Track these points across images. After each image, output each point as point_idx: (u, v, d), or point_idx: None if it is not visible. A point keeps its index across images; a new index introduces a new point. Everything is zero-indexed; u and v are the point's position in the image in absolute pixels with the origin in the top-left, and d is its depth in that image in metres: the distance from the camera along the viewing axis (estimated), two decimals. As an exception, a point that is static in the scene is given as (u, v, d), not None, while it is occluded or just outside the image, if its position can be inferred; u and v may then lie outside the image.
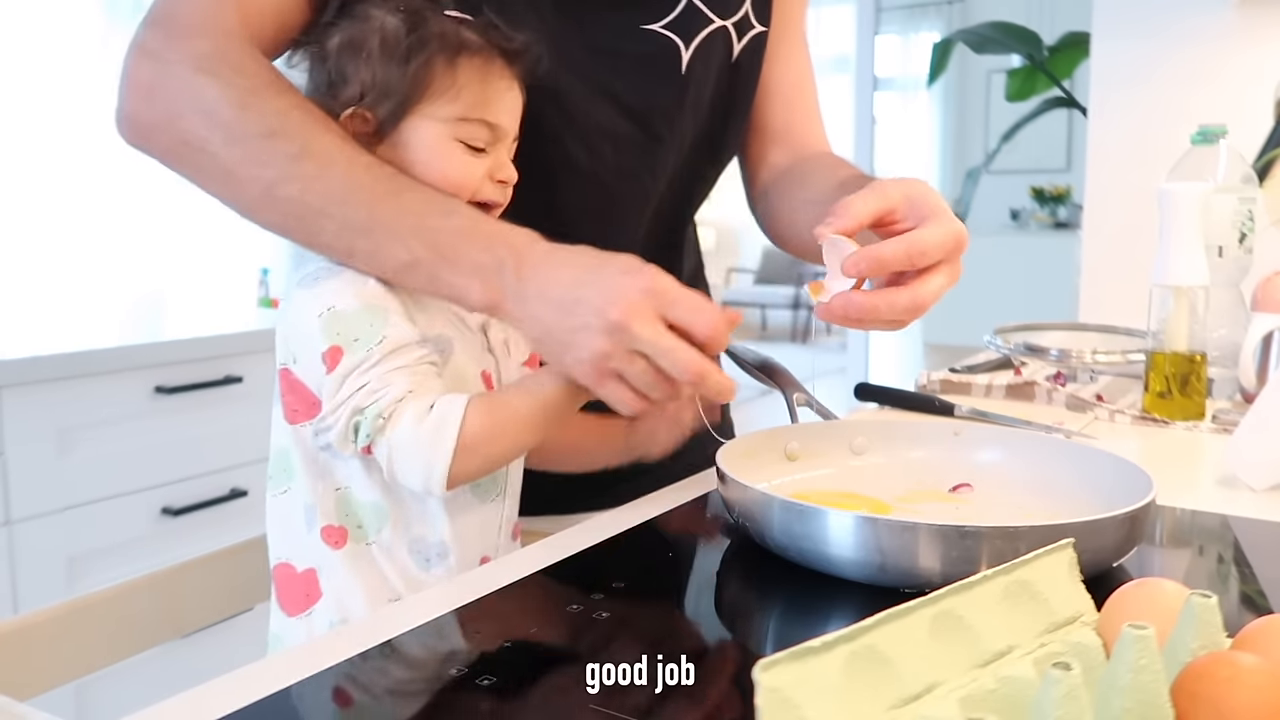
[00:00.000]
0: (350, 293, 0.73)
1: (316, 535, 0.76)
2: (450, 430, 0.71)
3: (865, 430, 0.88)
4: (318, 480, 0.77)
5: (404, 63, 0.75)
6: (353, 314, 0.72)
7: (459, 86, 0.76)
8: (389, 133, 0.77)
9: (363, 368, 0.71)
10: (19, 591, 1.72)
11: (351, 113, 0.76)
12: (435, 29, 0.77)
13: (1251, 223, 1.23)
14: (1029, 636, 0.45)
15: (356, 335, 0.71)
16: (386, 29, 0.76)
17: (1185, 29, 1.71)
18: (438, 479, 0.71)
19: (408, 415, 0.71)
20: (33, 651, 0.75)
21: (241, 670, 0.55)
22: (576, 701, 0.50)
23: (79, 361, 1.79)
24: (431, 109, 0.76)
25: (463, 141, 0.77)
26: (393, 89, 0.76)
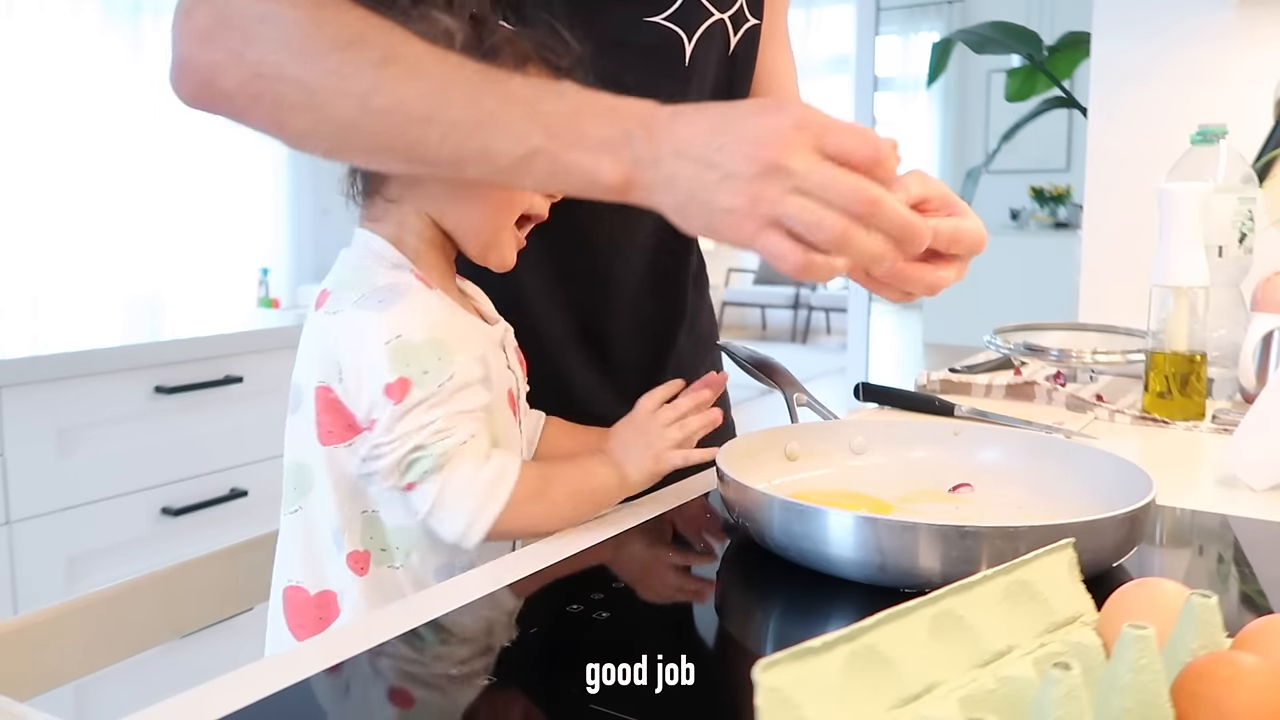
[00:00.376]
0: (420, 322, 0.71)
1: (343, 560, 0.75)
2: (507, 484, 0.71)
3: (865, 430, 0.88)
4: (347, 502, 0.74)
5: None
6: (422, 345, 0.70)
7: None
8: None
9: (429, 403, 0.70)
10: (19, 591, 1.72)
11: None
12: (499, 35, 0.75)
13: (1251, 223, 1.23)
14: (1029, 636, 0.45)
15: (426, 369, 0.70)
16: (454, 31, 0.72)
17: (1185, 29, 1.71)
18: (480, 529, 0.71)
19: (468, 463, 0.71)
20: (33, 651, 0.75)
21: (241, 670, 0.55)
22: (576, 701, 0.50)
23: (79, 361, 1.79)
24: None
25: None
26: None
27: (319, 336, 0.74)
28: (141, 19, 2.48)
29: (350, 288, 0.74)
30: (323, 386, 0.73)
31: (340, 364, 0.72)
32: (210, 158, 2.58)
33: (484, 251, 0.80)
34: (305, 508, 0.76)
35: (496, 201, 0.77)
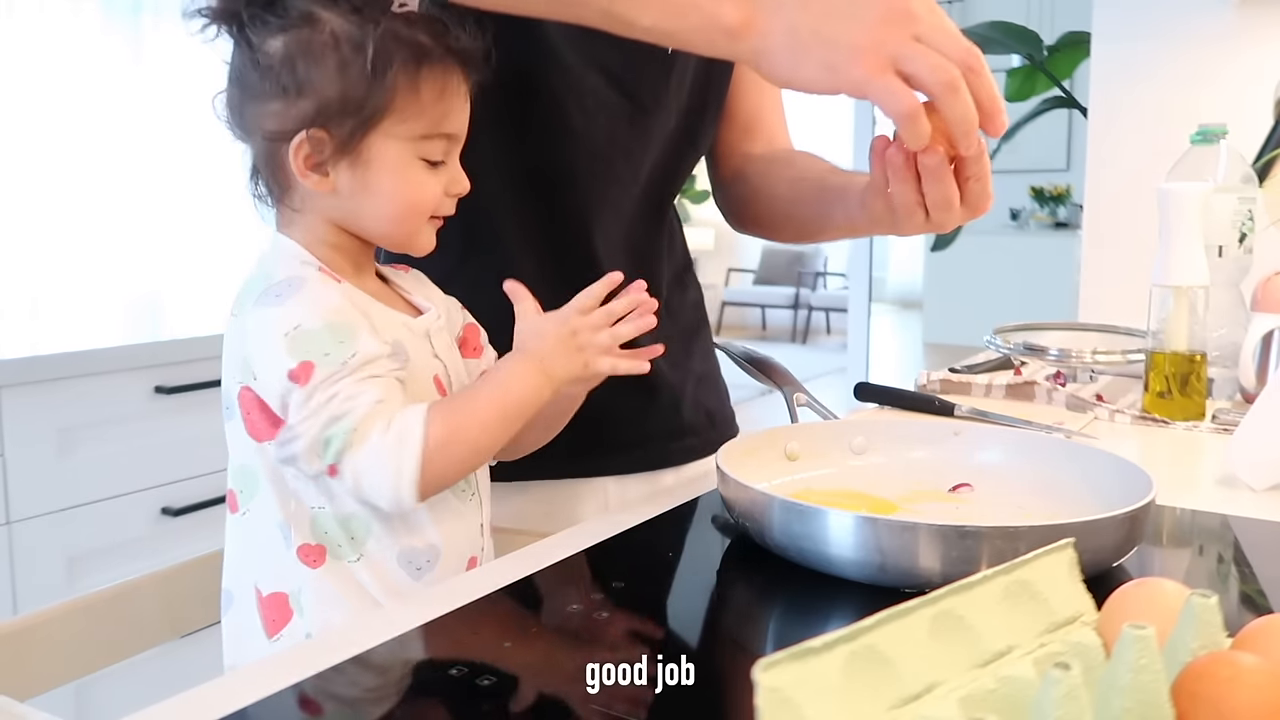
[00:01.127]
0: (316, 311, 0.71)
1: (293, 555, 0.74)
2: (413, 440, 0.69)
3: (865, 430, 0.88)
4: (289, 498, 0.74)
5: (368, 78, 0.71)
6: (320, 331, 0.70)
7: (422, 103, 0.73)
8: (348, 152, 0.73)
9: (334, 377, 0.69)
10: (19, 591, 1.72)
11: (304, 138, 0.72)
12: (391, 33, 0.72)
13: (1251, 223, 1.23)
14: (1029, 636, 0.45)
15: (327, 350, 0.70)
16: (341, 35, 0.71)
17: (1185, 29, 1.71)
18: (408, 490, 0.70)
19: (374, 431, 0.69)
20: (33, 651, 0.75)
21: (242, 670, 0.56)
22: (576, 701, 0.50)
23: (79, 361, 1.79)
24: (393, 127, 0.73)
25: (424, 159, 0.75)
26: (355, 107, 0.72)
27: (231, 339, 0.75)
28: (141, 19, 2.48)
29: (252, 288, 0.74)
30: (244, 387, 0.74)
31: (250, 362, 0.72)
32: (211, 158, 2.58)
33: (395, 249, 0.80)
34: (252, 509, 0.75)
35: (400, 214, 0.76)
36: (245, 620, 0.76)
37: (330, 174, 0.74)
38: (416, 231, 0.78)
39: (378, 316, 0.75)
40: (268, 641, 0.74)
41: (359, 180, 0.74)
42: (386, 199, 0.75)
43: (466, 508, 0.80)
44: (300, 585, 0.74)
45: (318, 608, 0.74)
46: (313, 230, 0.77)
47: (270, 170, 0.76)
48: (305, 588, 0.74)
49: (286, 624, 0.74)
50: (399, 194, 0.75)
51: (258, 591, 0.75)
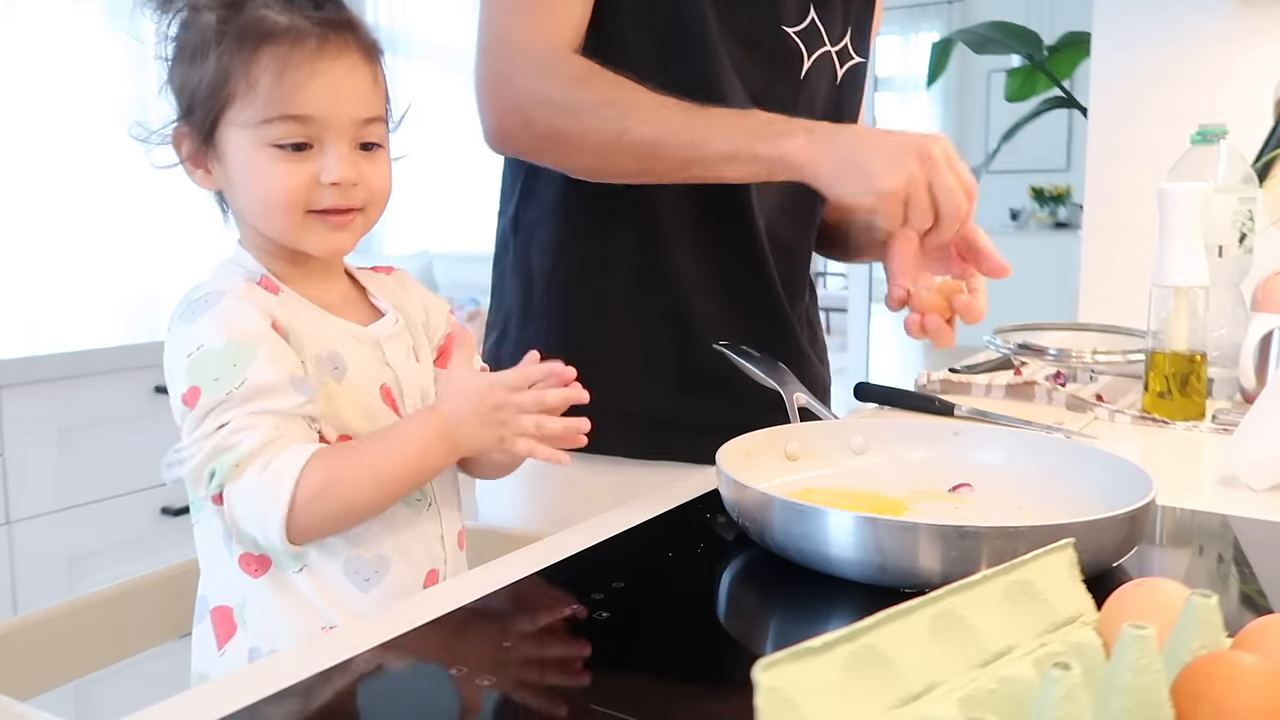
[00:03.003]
0: (222, 328, 0.69)
1: (235, 565, 0.72)
2: (284, 488, 0.67)
3: (865, 430, 0.88)
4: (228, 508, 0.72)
5: (201, 65, 0.70)
6: (219, 351, 0.68)
7: (255, 87, 0.70)
8: (209, 145, 0.72)
9: (222, 407, 0.68)
10: (19, 591, 1.72)
11: (174, 134, 0.72)
12: (240, 21, 0.70)
13: (1251, 223, 1.23)
14: (1029, 636, 0.45)
15: (217, 376, 0.68)
16: (202, 29, 0.71)
17: (1185, 29, 1.71)
18: (275, 535, 0.68)
19: (251, 469, 0.67)
20: (33, 651, 0.75)
21: (242, 670, 0.55)
22: (576, 701, 0.50)
23: (79, 361, 1.79)
24: (234, 114, 0.71)
25: (274, 145, 0.71)
26: (197, 97, 0.71)
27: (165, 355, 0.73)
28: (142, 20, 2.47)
29: (181, 303, 0.73)
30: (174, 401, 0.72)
31: (168, 379, 0.72)
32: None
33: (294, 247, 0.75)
34: (200, 520, 0.74)
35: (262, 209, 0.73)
36: (205, 632, 0.75)
37: (212, 171, 0.74)
38: (295, 228, 0.73)
39: (313, 326, 0.74)
40: (217, 656, 0.73)
41: (226, 176, 0.73)
42: (247, 192, 0.72)
43: (421, 519, 0.78)
44: (243, 597, 0.73)
45: (259, 621, 0.72)
46: (249, 236, 0.77)
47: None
48: (248, 600, 0.73)
49: (231, 638, 0.73)
50: (253, 186, 0.72)
51: (211, 605, 0.74)
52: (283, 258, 0.76)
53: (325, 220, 0.73)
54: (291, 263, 0.76)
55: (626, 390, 1.03)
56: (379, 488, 0.71)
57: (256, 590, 0.72)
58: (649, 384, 1.04)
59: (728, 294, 1.06)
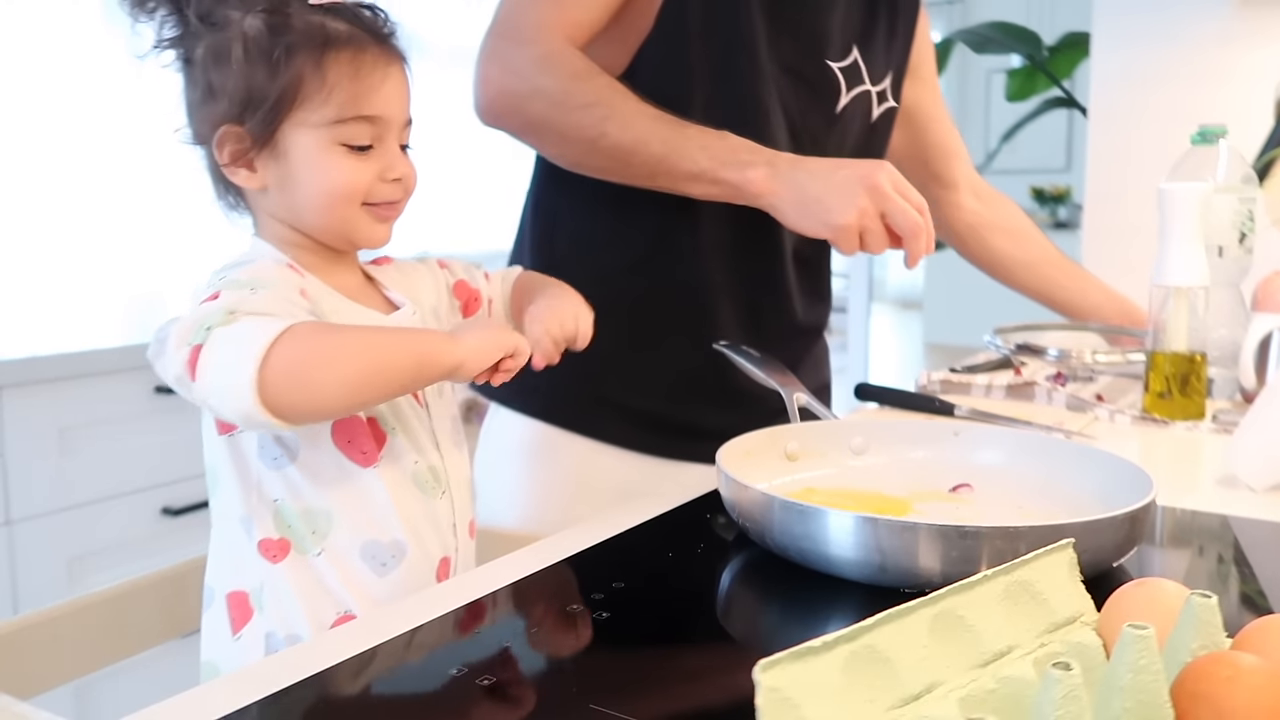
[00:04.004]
0: (251, 273, 0.72)
1: (254, 549, 0.73)
2: (265, 334, 0.64)
3: (865, 430, 0.88)
4: (250, 491, 0.74)
5: (269, 69, 0.72)
6: (242, 280, 0.71)
7: (329, 86, 0.73)
8: (265, 145, 0.74)
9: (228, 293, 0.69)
10: (19, 591, 1.72)
11: (221, 134, 0.73)
12: (297, 25, 0.73)
13: (1251, 223, 1.23)
14: (1029, 636, 0.45)
15: (231, 284, 0.70)
16: (248, 33, 0.73)
17: (1185, 29, 1.71)
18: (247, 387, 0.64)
19: (244, 318, 0.66)
20: (33, 651, 0.75)
21: (243, 670, 0.56)
22: (576, 701, 0.50)
23: (79, 361, 1.79)
24: (304, 114, 0.73)
25: (345, 144, 0.74)
26: (260, 98, 0.72)
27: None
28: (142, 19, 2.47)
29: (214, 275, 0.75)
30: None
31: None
32: (210, 158, 2.58)
33: (342, 242, 0.78)
34: (218, 506, 0.75)
35: (326, 203, 0.75)
36: (218, 617, 0.76)
37: (259, 170, 0.74)
38: (351, 220, 0.76)
39: (344, 313, 0.75)
40: (231, 640, 0.74)
41: (282, 173, 0.74)
42: (309, 189, 0.74)
43: (435, 506, 0.79)
44: (260, 582, 0.74)
45: (277, 606, 0.73)
46: (272, 230, 0.77)
47: (219, 179, 0.78)
48: (265, 585, 0.74)
49: (247, 623, 0.74)
50: (318, 182, 0.74)
51: (225, 590, 0.75)
52: (307, 249, 0.77)
53: (374, 213, 0.77)
54: (314, 253, 0.78)
55: (631, 386, 1.06)
56: (366, 360, 0.68)
57: (275, 575, 0.73)
58: (654, 382, 1.07)
59: (747, 300, 1.09)
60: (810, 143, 1.08)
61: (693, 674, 0.54)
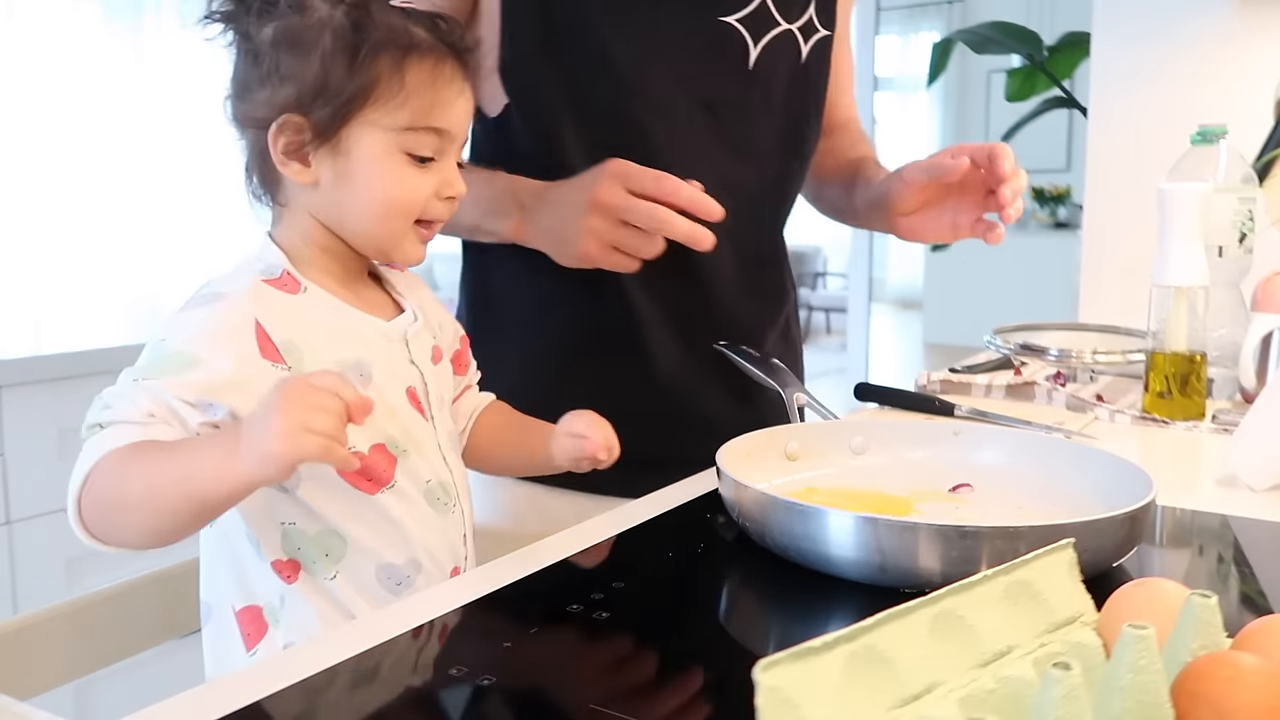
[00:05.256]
0: (191, 334, 0.68)
1: (267, 566, 0.72)
2: (76, 479, 0.63)
3: (865, 430, 0.88)
4: (258, 511, 0.71)
5: (349, 63, 0.70)
6: (169, 354, 0.67)
7: (407, 91, 0.71)
8: (328, 139, 0.71)
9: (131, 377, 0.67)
10: (19, 591, 1.72)
11: (282, 123, 0.70)
12: (382, 24, 0.71)
13: (1251, 223, 1.23)
14: (1029, 636, 0.45)
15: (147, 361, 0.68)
16: (327, 21, 0.70)
17: (1185, 29, 1.71)
18: (71, 514, 0.64)
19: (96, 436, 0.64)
20: (33, 651, 0.75)
21: (243, 670, 0.55)
22: (576, 701, 0.50)
23: (79, 361, 1.79)
24: (376, 115, 0.71)
25: (409, 153, 0.72)
26: (335, 92, 0.70)
27: None
28: (143, 19, 2.48)
29: (195, 291, 0.73)
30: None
31: None
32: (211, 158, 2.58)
33: (379, 255, 0.78)
34: (220, 521, 0.71)
35: (381, 212, 0.73)
36: (224, 633, 0.74)
37: (312, 164, 0.72)
38: (400, 235, 0.75)
39: (334, 329, 0.73)
40: (246, 656, 0.73)
41: (339, 171, 0.72)
42: (367, 193, 0.72)
43: (448, 521, 0.78)
44: (275, 597, 0.72)
45: (294, 621, 0.72)
46: (300, 228, 0.75)
47: (258, 163, 0.74)
48: (283, 600, 0.72)
49: (263, 637, 0.73)
50: (378, 188, 0.72)
51: (232, 606, 0.74)
52: (329, 251, 0.76)
53: (419, 231, 0.76)
54: (333, 257, 0.76)
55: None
56: (149, 501, 0.62)
57: (291, 592, 0.72)
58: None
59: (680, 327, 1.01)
60: (731, 113, 0.99)
61: (693, 674, 0.54)
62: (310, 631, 0.72)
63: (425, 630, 0.58)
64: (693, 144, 0.97)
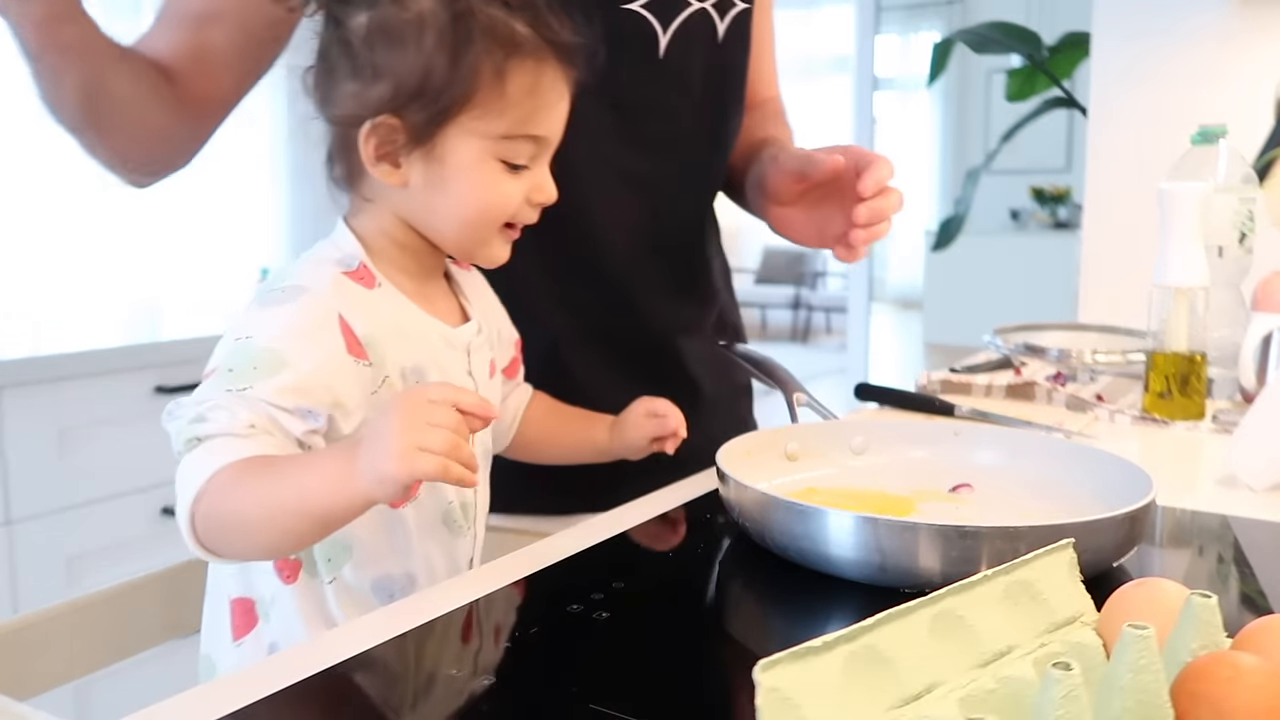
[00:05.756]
0: (276, 329, 0.66)
1: (269, 566, 0.71)
2: (186, 495, 0.62)
3: (865, 430, 0.88)
4: None
5: (449, 65, 0.66)
6: (256, 351, 0.65)
7: (507, 99, 0.68)
8: (422, 143, 0.68)
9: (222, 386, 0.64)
10: (19, 591, 1.72)
11: (375, 125, 0.67)
12: (483, 19, 0.67)
13: (1251, 223, 1.23)
14: (1029, 636, 0.45)
15: (232, 366, 0.65)
16: (427, 17, 0.66)
17: (1186, 29, 1.71)
18: (183, 526, 0.63)
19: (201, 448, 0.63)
20: (33, 651, 0.75)
21: (243, 670, 0.55)
22: (576, 701, 0.50)
23: (79, 361, 1.79)
24: (473, 122, 0.68)
25: (504, 160, 0.70)
26: (433, 95, 0.67)
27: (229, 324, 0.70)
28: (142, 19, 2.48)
29: (272, 279, 0.71)
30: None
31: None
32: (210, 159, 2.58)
33: (463, 255, 0.77)
34: None
35: (472, 218, 0.71)
36: (217, 618, 0.75)
37: (402, 166, 0.69)
38: (487, 240, 0.73)
39: (405, 328, 0.72)
40: (232, 645, 0.73)
41: (432, 176, 0.69)
42: (459, 199, 0.70)
43: (458, 542, 0.78)
44: (269, 594, 0.72)
45: (283, 621, 0.72)
46: (379, 223, 0.73)
47: (343, 155, 0.72)
48: (275, 598, 0.72)
49: (251, 630, 0.73)
50: (472, 195, 0.70)
51: (229, 594, 0.74)
52: (408, 249, 0.74)
53: (506, 233, 0.74)
54: (412, 255, 0.74)
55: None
56: (267, 522, 0.62)
57: (285, 592, 0.72)
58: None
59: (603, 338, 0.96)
60: (643, 110, 0.92)
61: (693, 674, 0.54)
62: (294, 633, 0.72)
63: (425, 630, 0.58)
64: (602, 148, 0.91)
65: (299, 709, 0.51)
